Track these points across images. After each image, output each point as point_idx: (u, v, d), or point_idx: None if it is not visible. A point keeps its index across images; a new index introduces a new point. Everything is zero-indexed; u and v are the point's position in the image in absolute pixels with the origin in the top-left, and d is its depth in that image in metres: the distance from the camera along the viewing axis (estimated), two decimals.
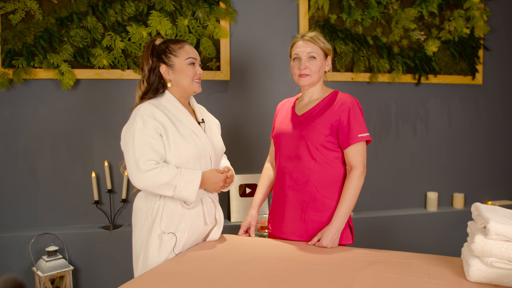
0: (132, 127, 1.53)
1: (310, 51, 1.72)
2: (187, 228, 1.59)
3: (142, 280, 1.31)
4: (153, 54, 1.64)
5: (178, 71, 1.63)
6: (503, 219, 1.22)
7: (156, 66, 1.63)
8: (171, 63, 1.63)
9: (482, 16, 3.07)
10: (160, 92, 1.64)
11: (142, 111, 1.55)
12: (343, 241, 1.70)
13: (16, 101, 2.50)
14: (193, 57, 1.65)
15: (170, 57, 1.63)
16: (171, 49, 1.63)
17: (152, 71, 1.63)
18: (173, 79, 1.64)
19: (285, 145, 1.76)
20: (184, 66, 1.63)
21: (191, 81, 1.64)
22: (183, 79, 1.63)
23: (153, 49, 1.64)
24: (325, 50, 1.76)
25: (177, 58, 1.63)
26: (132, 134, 1.52)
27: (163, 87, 1.65)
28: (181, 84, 1.64)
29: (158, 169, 1.49)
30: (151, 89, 1.63)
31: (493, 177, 3.27)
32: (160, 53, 1.63)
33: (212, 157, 1.66)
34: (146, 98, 1.62)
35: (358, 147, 1.68)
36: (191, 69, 1.64)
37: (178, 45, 1.64)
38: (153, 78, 1.63)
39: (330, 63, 1.79)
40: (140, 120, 1.53)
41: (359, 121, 1.68)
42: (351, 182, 1.67)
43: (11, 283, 1.14)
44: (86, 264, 2.51)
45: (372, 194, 3.02)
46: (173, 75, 1.64)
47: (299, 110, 1.79)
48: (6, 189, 2.52)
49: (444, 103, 3.16)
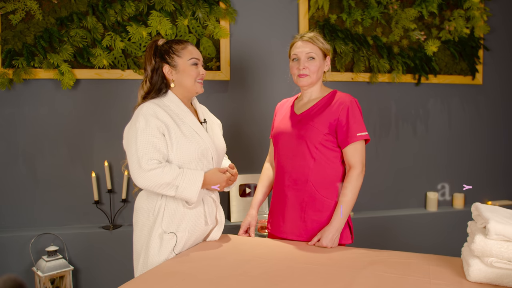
0: (134, 126, 1.54)
1: (309, 51, 1.73)
2: (187, 228, 1.59)
3: (142, 280, 1.31)
4: (156, 54, 1.64)
5: (181, 72, 1.63)
6: (503, 219, 1.22)
7: (159, 67, 1.63)
8: (174, 63, 1.63)
9: (482, 16, 3.07)
10: (163, 92, 1.64)
11: (145, 111, 1.55)
12: (342, 241, 1.70)
13: (16, 101, 2.50)
14: (196, 58, 1.65)
15: (173, 58, 1.63)
16: (174, 50, 1.63)
17: (155, 72, 1.64)
18: (176, 80, 1.64)
19: (284, 145, 1.76)
20: (187, 67, 1.63)
21: (194, 82, 1.65)
22: (186, 80, 1.64)
23: (156, 49, 1.64)
24: (324, 50, 1.76)
25: (180, 59, 1.63)
26: (134, 133, 1.52)
27: (166, 87, 1.65)
28: (184, 85, 1.64)
29: (160, 169, 1.49)
30: (153, 89, 1.63)
31: (493, 177, 3.27)
32: (163, 54, 1.63)
33: (214, 157, 1.66)
34: (148, 98, 1.63)
35: (356, 146, 1.68)
36: (194, 70, 1.64)
37: (181, 45, 1.64)
38: (156, 78, 1.64)
39: (329, 63, 1.79)
40: (143, 120, 1.53)
41: (358, 120, 1.69)
42: (350, 181, 1.67)
43: (11, 283, 1.14)
44: (86, 264, 2.51)
45: (372, 194, 3.02)
46: (176, 75, 1.64)
47: (298, 110, 1.80)
48: (6, 189, 2.52)
49: (444, 103, 3.16)
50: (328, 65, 1.79)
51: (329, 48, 1.78)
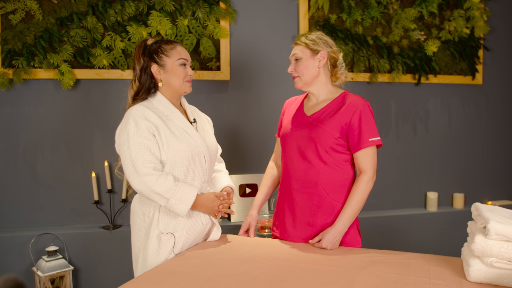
0: (125, 129, 1.54)
1: (295, 52, 1.72)
2: (185, 227, 1.59)
3: (142, 280, 1.31)
4: (145, 53, 1.64)
5: (169, 71, 1.63)
6: (503, 219, 1.22)
7: (148, 66, 1.64)
8: (163, 63, 1.63)
9: (482, 16, 3.07)
10: (152, 92, 1.64)
11: (134, 113, 1.55)
12: (352, 245, 1.68)
13: (16, 101, 2.50)
14: (185, 58, 1.66)
15: (162, 57, 1.63)
16: (163, 49, 1.63)
17: (144, 71, 1.64)
18: (164, 79, 1.64)
19: (293, 146, 1.72)
20: (175, 67, 1.63)
21: (182, 82, 1.65)
22: (174, 80, 1.64)
23: (144, 49, 1.65)
24: (309, 46, 1.68)
25: (169, 58, 1.63)
26: (126, 137, 1.53)
27: (154, 86, 1.65)
28: (172, 84, 1.65)
29: (155, 177, 1.49)
30: (143, 88, 1.63)
31: (493, 177, 3.27)
32: (152, 53, 1.64)
33: (206, 156, 1.66)
34: (139, 99, 1.63)
35: (368, 151, 1.64)
36: (182, 70, 1.64)
37: (170, 45, 1.65)
38: (145, 77, 1.64)
39: (324, 57, 1.69)
40: (132, 122, 1.53)
41: (370, 124, 1.64)
42: (359, 186, 1.64)
43: (11, 283, 1.14)
44: (86, 264, 2.51)
45: (372, 194, 2.99)
46: (164, 75, 1.64)
47: (308, 110, 1.75)
48: (6, 189, 2.52)
49: (444, 103, 3.16)
50: (323, 59, 1.69)
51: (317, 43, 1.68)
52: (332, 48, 1.73)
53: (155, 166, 1.52)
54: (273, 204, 2.69)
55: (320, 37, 1.72)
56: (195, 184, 1.63)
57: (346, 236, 1.67)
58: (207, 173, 1.68)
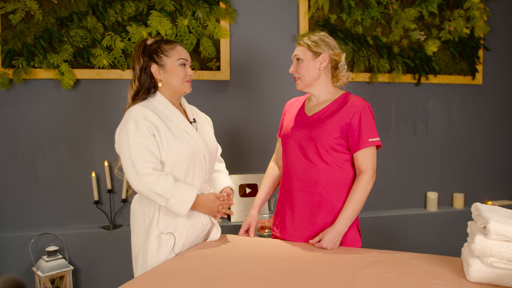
0: (125, 129, 1.54)
1: (296, 53, 1.72)
2: (185, 227, 1.59)
3: (142, 280, 1.31)
4: (145, 53, 1.64)
5: (169, 71, 1.63)
6: (503, 219, 1.22)
7: (147, 66, 1.64)
8: (162, 63, 1.63)
9: (482, 16, 3.07)
10: (152, 92, 1.64)
11: (134, 113, 1.55)
12: (351, 245, 1.68)
13: (16, 101, 2.50)
14: (184, 58, 1.65)
15: (162, 57, 1.63)
16: (163, 49, 1.63)
17: (143, 71, 1.64)
18: (163, 79, 1.64)
19: (294, 146, 1.73)
20: (175, 67, 1.63)
21: (181, 82, 1.65)
22: (173, 80, 1.64)
23: (144, 49, 1.65)
24: (311, 48, 1.69)
25: (169, 58, 1.63)
26: (126, 137, 1.53)
27: (154, 86, 1.65)
28: (171, 84, 1.64)
29: (155, 177, 1.49)
30: (142, 88, 1.63)
31: (492, 177, 3.27)
32: (152, 53, 1.64)
33: (206, 156, 1.66)
34: (138, 98, 1.63)
35: (368, 151, 1.65)
36: (182, 70, 1.64)
37: (170, 45, 1.65)
38: (145, 77, 1.64)
39: (325, 59, 1.69)
40: (132, 122, 1.53)
41: (370, 125, 1.65)
42: (358, 186, 1.64)
43: (11, 283, 1.14)
44: (86, 264, 2.51)
45: (372, 194, 2.99)
46: (164, 75, 1.64)
47: (309, 111, 1.76)
48: (6, 189, 2.52)
49: (444, 103, 3.16)
50: (323, 62, 1.69)
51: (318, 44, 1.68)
52: (334, 50, 1.72)
53: (155, 166, 1.52)
54: (273, 204, 2.69)
55: (322, 38, 1.71)
56: (195, 184, 1.63)
57: (346, 236, 1.67)
58: (207, 173, 1.68)
